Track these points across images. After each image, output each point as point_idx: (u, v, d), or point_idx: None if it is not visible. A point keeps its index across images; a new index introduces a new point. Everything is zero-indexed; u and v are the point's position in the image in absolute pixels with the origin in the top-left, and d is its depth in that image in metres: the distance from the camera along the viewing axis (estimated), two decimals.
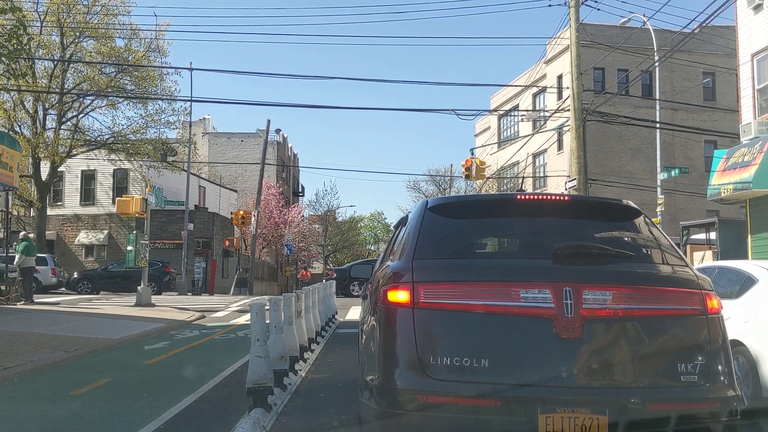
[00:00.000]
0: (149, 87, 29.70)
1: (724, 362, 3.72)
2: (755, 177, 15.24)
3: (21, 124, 29.21)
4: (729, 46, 22.79)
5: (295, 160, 65.66)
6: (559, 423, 3.42)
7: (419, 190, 58.70)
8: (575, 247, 3.87)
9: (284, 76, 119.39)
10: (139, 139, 30.35)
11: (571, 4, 19.54)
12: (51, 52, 28.75)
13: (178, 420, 6.23)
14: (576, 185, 19.19)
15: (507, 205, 4.51)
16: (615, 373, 3.60)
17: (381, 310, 3.92)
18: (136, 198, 19.58)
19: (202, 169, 49.67)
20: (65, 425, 6.12)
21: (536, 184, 37.67)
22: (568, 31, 20.54)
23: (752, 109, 16.97)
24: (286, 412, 6.35)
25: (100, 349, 11.03)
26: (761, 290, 7.12)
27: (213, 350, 11.38)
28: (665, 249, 4.16)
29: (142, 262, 19.55)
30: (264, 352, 6.00)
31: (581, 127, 19.87)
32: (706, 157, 30.33)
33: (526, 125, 38.26)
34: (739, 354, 6.70)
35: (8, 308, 16.44)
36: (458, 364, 3.57)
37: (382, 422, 3.72)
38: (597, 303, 3.62)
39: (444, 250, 4.09)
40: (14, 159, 16.83)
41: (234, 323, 15.48)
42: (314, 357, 9.89)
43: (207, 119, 57.05)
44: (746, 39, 17.29)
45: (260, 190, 40.07)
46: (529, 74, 36.98)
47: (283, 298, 8.03)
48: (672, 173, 22.70)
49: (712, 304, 3.81)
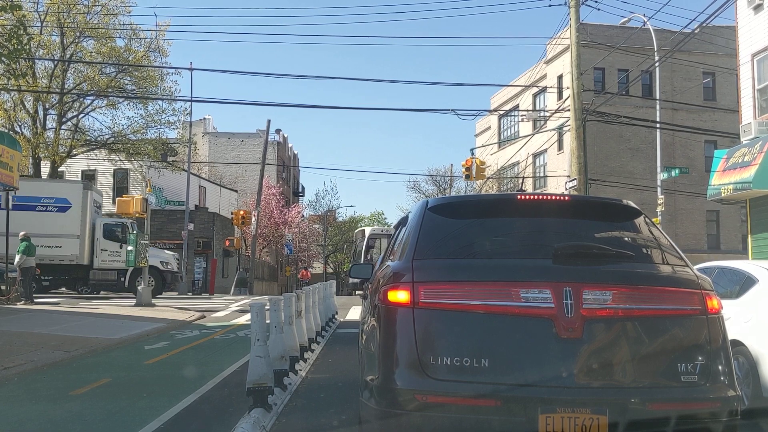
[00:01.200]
0: (149, 87, 29.69)
1: (724, 362, 3.72)
2: (755, 177, 15.25)
3: (21, 124, 29.20)
4: (729, 46, 22.81)
5: (295, 160, 65.64)
6: (559, 423, 3.43)
7: (419, 190, 58.78)
8: (575, 247, 3.87)
9: (284, 76, 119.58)
10: (140, 139, 30.33)
11: (571, 4, 19.55)
12: (51, 52, 28.74)
13: (178, 420, 6.22)
14: (576, 185, 19.19)
15: (507, 205, 4.51)
16: (615, 373, 3.60)
17: (381, 310, 3.92)
18: (137, 198, 19.62)
19: (202, 169, 49.65)
20: (65, 425, 6.11)
21: (536, 184, 37.67)
22: (568, 31, 20.54)
23: (752, 109, 16.97)
24: (286, 412, 6.35)
25: (100, 349, 11.03)
26: (761, 290, 7.12)
27: (213, 350, 11.38)
28: (665, 249, 4.16)
29: (142, 262, 19.56)
30: (264, 352, 5.99)
31: (581, 127, 19.87)
32: (706, 157, 30.34)
33: (527, 125, 38.25)
34: (739, 354, 6.70)
35: (8, 308, 16.44)
36: (458, 364, 3.57)
37: (382, 422, 3.72)
38: (597, 303, 3.63)
39: (444, 250, 4.09)
40: (14, 159, 16.85)
41: (234, 323, 15.48)
42: (314, 357, 9.89)
43: (207, 119, 57.02)
44: (746, 39, 17.29)
45: (260, 190, 40.08)
46: (529, 74, 36.98)
47: (283, 298, 8.03)
48: (672, 173, 22.70)
49: (713, 304, 3.81)
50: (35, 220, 22.78)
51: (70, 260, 24.00)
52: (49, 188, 24.88)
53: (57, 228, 23.51)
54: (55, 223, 23.56)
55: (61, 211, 23.82)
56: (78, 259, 24.11)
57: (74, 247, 24.00)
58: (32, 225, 21.78)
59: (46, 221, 23.31)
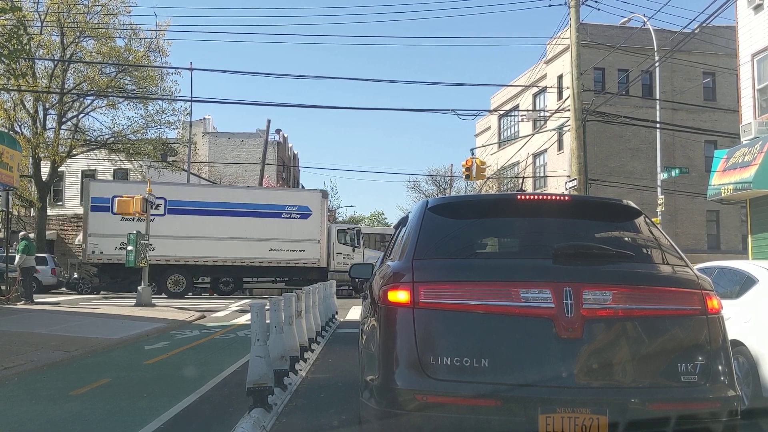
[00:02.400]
0: (149, 87, 29.71)
1: (724, 362, 3.72)
2: (755, 177, 15.25)
3: (21, 124, 29.22)
4: (729, 46, 22.82)
5: (296, 160, 65.60)
6: (559, 423, 3.42)
7: (419, 190, 58.76)
8: (575, 247, 3.87)
9: (284, 76, 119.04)
10: (140, 139, 30.35)
11: (571, 4, 19.56)
12: (51, 52, 28.75)
13: (178, 420, 6.22)
14: (576, 185, 19.20)
15: (507, 205, 4.51)
16: (615, 373, 3.60)
17: (381, 310, 3.92)
18: (137, 198, 19.56)
19: (202, 169, 49.59)
20: (65, 425, 6.11)
21: (536, 184, 37.67)
22: (568, 31, 20.56)
23: (752, 109, 16.97)
24: (286, 412, 6.35)
25: (100, 349, 11.03)
26: (761, 290, 7.12)
27: (213, 350, 11.37)
28: (665, 249, 4.16)
29: (142, 262, 19.55)
30: (264, 352, 5.99)
31: (581, 127, 19.88)
32: (706, 157, 30.35)
33: (527, 125, 38.26)
34: (739, 354, 6.70)
35: (8, 308, 16.45)
36: (458, 364, 3.57)
37: (382, 422, 3.72)
38: (597, 303, 3.62)
39: (444, 250, 4.09)
40: (14, 159, 16.84)
41: (234, 323, 15.48)
42: (314, 357, 9.89)
43: (207, 119, 56.98)
44: (746, 39, 17.29)
45: None
46: (529, 74, 36.98)
47: (283, 298, 8.03)
48: (672, 173, 22.71)
49: (713, 304, 3.81)
50: (282, 226, 26.01)
51: (312, 263, 26.50)
52: (292, 197, 28.14)
53: (300, 233, 26.21)
54: (298, 229, 26.19)
55: (303, 218, 26.53)
56: (320, 262, 26.65)
57: (315, 251, 26.56)
58: (279, 231, 26.02)
59: (291, 227, 26.23)
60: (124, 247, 20.46)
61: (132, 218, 22.64)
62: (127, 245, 19.38)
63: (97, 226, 24.83)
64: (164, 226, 24.03)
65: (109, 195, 24.43)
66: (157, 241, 22.79)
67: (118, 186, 26.59)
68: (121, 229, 22.86)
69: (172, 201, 25.19)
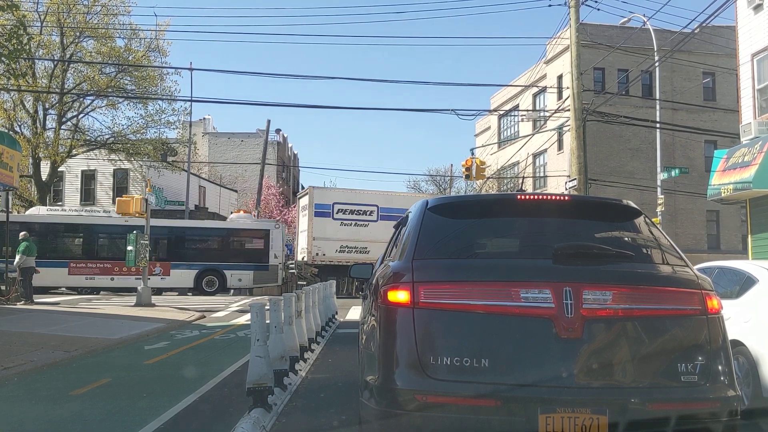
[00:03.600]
0: (149, 87, 29.72)
1: (724, 362, 3.72)
2: (755, 177, 15.25)
3: (21, 124, 29.24)
4: (729, 46, 22.81)
5: (296, 159, 65.63)
6: (559, 423, 3.42)
7: (419, 190, 58.71)
8: (575, 247, 3.87)
9: (284, 76, 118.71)
10: (139, 139, 30.36)
11: (571, 4, 19.55)
12: (51, 52, 28.76)
13: (178, 420, 6.22)
14: (576, 185, 19.19)
15: (507, 205, 4.51)
16: (615, 373, 3.60)
17: (381, 310, 3.92)
18: (136, 198, 19.55)
19: (202, 169, 49.66)
20: (65, 425, 6.11)
21: (536, 184, 37.66)
22: (568, 31, 20.55)
23: (752, 109, 16.97)
24: (286, 412, 6.35)
25: (100, 349, 11.03)
26: (761, 290, 7.12)
27: (213, 350, 11.37)
28: (665, 249, 4.16)
29: (142, 262, 19.54)
30: (264, 352, 5.99)
31: (581, 127, 19.88)
32: (706, 157, 30.33)
33: (526, 125, 38.24)
34: (739, 354, 6.70)
35: (8, 308, 16.45)
36: (458, 364, 3.57)
37: (382, 422, 3.72)
38: (597, 303, 3.62)
39: (444, 250, 4.09)
40: (14, 159, 16.82)
41: (234, 323, 15.48)
42: (314, 357, 9.88)
43: (207, 119, 57.03)
44: (746, 39, 17.29)
45: (260, 190, 40.09)
46: (529, 74, 36.97)
47: (283, 298, 8.03)
48: (672, 173, 22.70)
49: (713, 304, 3.80)
50: None
51: None
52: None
53: None
54: None
55: None
56: None
57: None
58: None
59: None
60: (343, 250, 26.11)
61: (350, 224, 27.66)
62: (127, 245, 19.38)
63: (319, 230, 27.65)
64: (378, 231, 26.66)
65: (329, 202, 27.84)
66: (371, 245, 26.48)
67: (338, 193, 29.57)
68: (342, 234, 27.32)
69: (384, 208, 27.94)
